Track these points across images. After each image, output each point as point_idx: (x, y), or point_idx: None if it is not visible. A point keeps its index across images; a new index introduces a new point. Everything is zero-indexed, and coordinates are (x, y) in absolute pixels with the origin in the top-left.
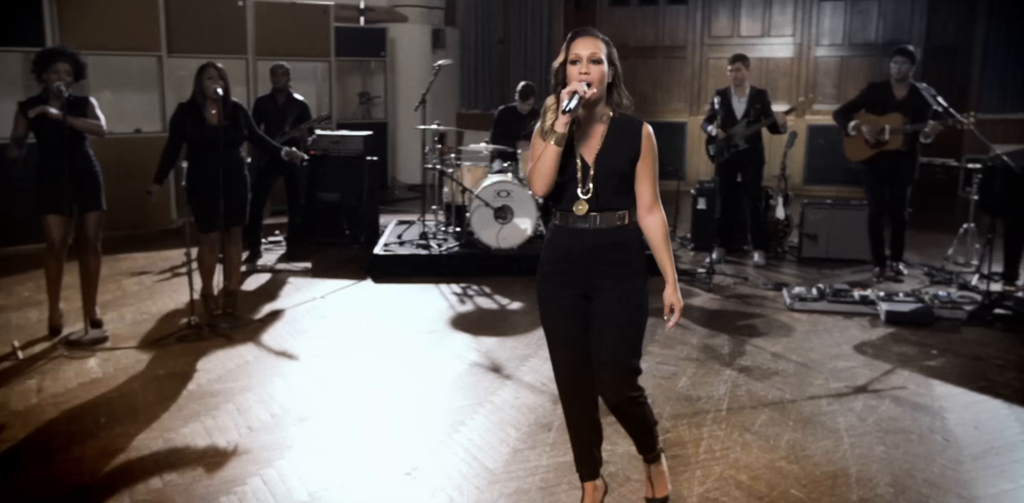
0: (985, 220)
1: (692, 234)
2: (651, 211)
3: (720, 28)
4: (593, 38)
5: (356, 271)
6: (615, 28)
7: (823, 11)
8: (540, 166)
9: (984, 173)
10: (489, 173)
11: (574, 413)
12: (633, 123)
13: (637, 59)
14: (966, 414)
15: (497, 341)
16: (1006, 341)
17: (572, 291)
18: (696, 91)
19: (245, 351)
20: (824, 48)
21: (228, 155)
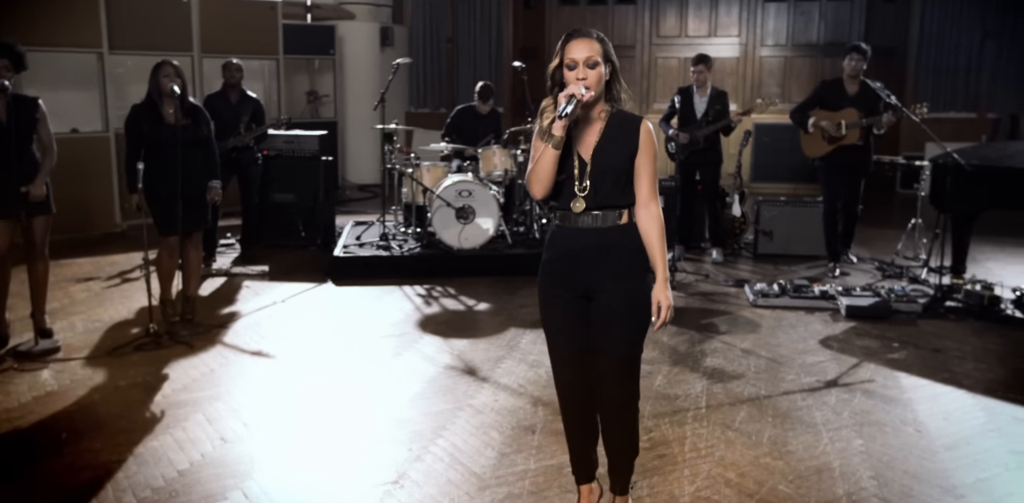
0: (931, 215)
1: None
2: (647, 206)
3: (668, 28)
4: (588, 40)
5: (315, 274)
6: (565, 27)
7: (767, 12)
8: (538, 169)
9: (935, 170)
10: (449, 173)
11: (573, 413)
12: (631, 119)
13: None
14: (934, 405)
15: (468, 343)
16: (960, 332)
17: (573, 291)
18: (645, 90)
19: (209, 359)
20: (768, 48)
21: (188, 155)
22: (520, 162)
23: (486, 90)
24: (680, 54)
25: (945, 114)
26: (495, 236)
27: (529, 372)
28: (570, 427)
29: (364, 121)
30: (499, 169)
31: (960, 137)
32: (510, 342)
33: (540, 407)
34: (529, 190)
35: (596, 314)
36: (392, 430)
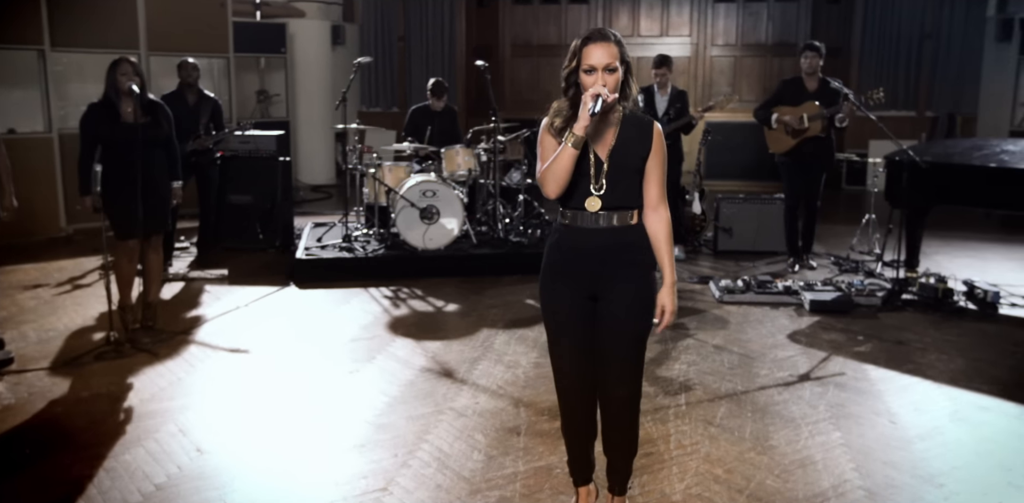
0: (884, 211)
1: None
2: (656, 210)
3: (621, 27)
4: (606, 44)
5: (277, 277)
6: (518, 26)
7: (717, 12)
8: (556, 168)
9: (890, 167)
10: (411, 173)
11: (574, 413)
12: (644, 121)
13: (541, 57)
14: (903, 396)
15: (442, 345)
16: (920, 324)
17: (581, 292)
18: None
19: (175, 367)
20: (718, 48)
21: (148, 155)
22: (483, 161)
23: (438, 86)
24: (633, 53)
25: (887, 112)
26: (460, 236)
27: (507, 373)
28: (571, 428)
29: (316, 121)
30: (462, 169)
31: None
32: (484, 343)
33: (522, 408)
34: (543, 189)
35: (604, 314)
36: (374, 435)
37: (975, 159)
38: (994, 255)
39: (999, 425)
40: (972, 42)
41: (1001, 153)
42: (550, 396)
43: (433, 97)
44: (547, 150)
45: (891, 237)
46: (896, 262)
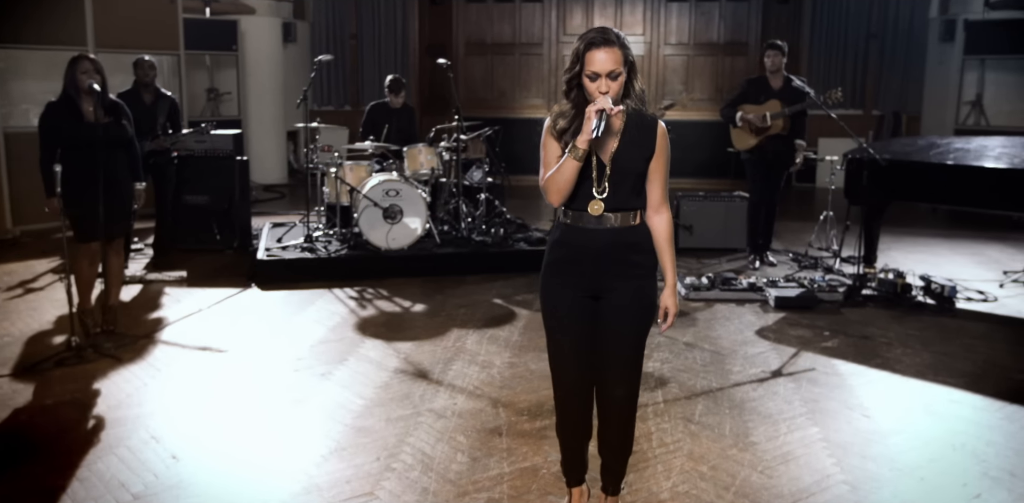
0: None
1: None
2: (659, 211)
3: (574, 26)
4: (610, 48)
5: (237, 278)
6: (472, 25)
7: (670, 11)
8: (559, 178)
9: (850, 165)
10: (372, 172)
11: (572, 413)
12: (648, 121)
13: (495, 55)
14: (874, 391)
15: (413, 346)
16: (883, 319)
17: (582, 291)
18: (553, 87)
19: (140, 372)
20: (672, 47)
21: (109, 156)
22: (446, 161)
23: (396, 83)
24: None
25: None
26: (423, 236)
27: (482, 373)
28: (567, 427)
29: (267, 119)
30: (425, 168)
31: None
32: (455, 343)
33: (501, 409)
34: (546, 196)
35: (605, 313)
36: (354, 439)
37: (932, 157)
38: (944, 250)
39: (970, 417)
40: (916, 42)
41: (956, 151)
42: (528, 396)
43: (391, 94)
44: (550, 154)
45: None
46: (855, 258)
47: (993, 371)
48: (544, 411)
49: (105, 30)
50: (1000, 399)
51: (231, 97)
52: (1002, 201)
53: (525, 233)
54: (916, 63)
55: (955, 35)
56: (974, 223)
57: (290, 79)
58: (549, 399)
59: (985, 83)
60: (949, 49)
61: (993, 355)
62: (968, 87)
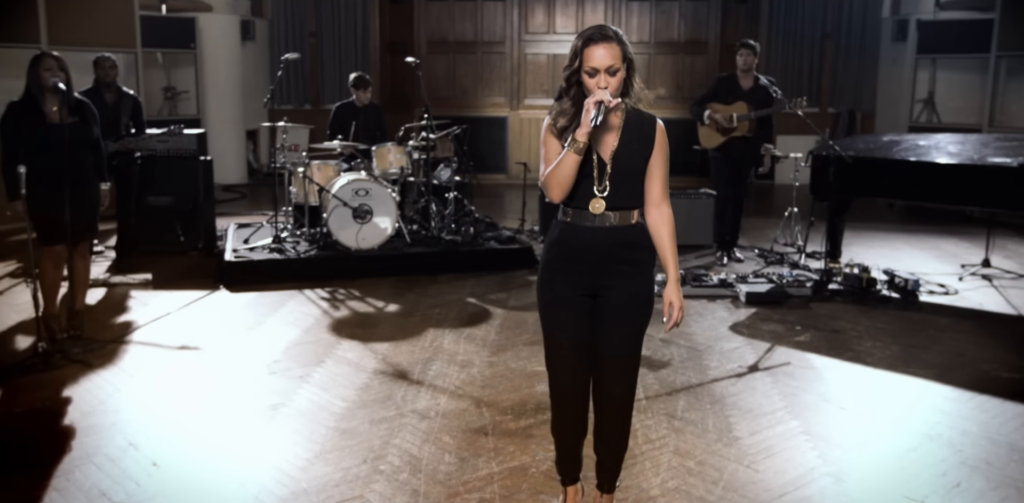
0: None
1: (540, 227)
2: (659, 207)
3: (536, 25)
4: (608, 45)
5: (204, 280)
6: (433, 23)
7: (631, 10)
8: (560, 173)
9: (815, 161)
10: (340, 171)
11: (569, 412)
12: (647, 119)
13: (457, 54)
14: (848, 383)
15: (390, 346)
16: (850, 313)
17: (581, 290)
18: (516, 86)
19: (112, 377)
20: (633, 45)
21: (75, 157)
22: (415, 159)
23: (361, 80)
24: (549, 50)
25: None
26: (393, 235)
27: (462, 373)
28: (563, 426)
29: (226, 118)
30: (394, 167)
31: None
32: (433, 343)
33: (484, 408)
34: (547, 193)
35: (604, 312)
36: (339, 441)
37: (895, 153)
38: (903, 245)
39: (942, 408)
40: (870, 41)
41: (917, 147)
42: (510, 395)
43: (357, 91)
44: (550, 152)
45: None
46: (820, 254)
47: (960, 362)
48: (528, 410)
49: (59, 27)
50: (969, 390)
51: (188, 96)
52: (963, 196)
53: (495, 232)
54: (870, 62)
55: (907, 35)
56: (929, 218)
57: (249, 78)
58: (531, 398)
59: (936, 81)
60: (902, 48)
61: (959, 347)
62: (920, 85)
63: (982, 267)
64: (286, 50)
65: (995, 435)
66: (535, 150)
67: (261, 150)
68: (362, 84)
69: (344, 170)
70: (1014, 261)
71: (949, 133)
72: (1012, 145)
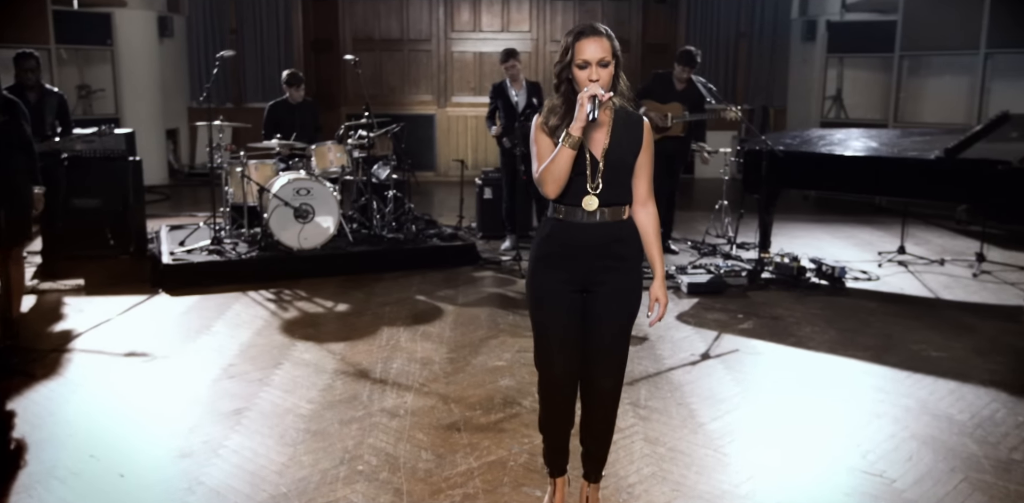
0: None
1: (479, 223)
2: (645, 205)
3: (462, 23)
4: (599, 38)
5: (140, 285)
6: (359, 20)
7: (556, 9)
8: (555, 169)
9: (748, 156)
10: (279, 170)
11: (557, 405)
12: (634, 118)
13: (383, 52)
14: (795, 366)
15: (347, 346)
16: (786, 300)
17: (572, 285)
18: (443, 83)
19: (58, 387)
20: (557, 44)
21: (6, 159)
22: (355, 158)
23: (294, 77)
24: (475, 48)
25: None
26: (336, 234)
27: (424, 371)
28: (552, 420)
29: (145, 117)
30: (335, 165)
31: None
32: (389, 342)
33: (452, 404)
34: (542, 189)
35: (594, 306)
36: (312, 443)
37: (821, 147)
38: (823, 234)
39: (883, 387)
40: (781, 41)
41: (841, 142)
42: (476, 391)
43: (291, 89)
44: (542, 149)
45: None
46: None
47: (892, 343)
48: (495, 405)
49: None
50: (904, 369)
51: (104, 94)
52: (887, 187)
53: (436, 229)
54: (781, 61)
55: (816, 35)
56: (841, 208)
57: (167, 75)
58: (497, 393)
59: (844, 79)
60: (811, 48)
61: (888, 329)
62: (829, 83)
63: (898, 254)
64: (205, 47)
65: (935, 410)
66: (464, 148)
67: (182, 150)
68: (296, 81)
69: (282, 169)
70: (925, 248)
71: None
72: (926, 139)
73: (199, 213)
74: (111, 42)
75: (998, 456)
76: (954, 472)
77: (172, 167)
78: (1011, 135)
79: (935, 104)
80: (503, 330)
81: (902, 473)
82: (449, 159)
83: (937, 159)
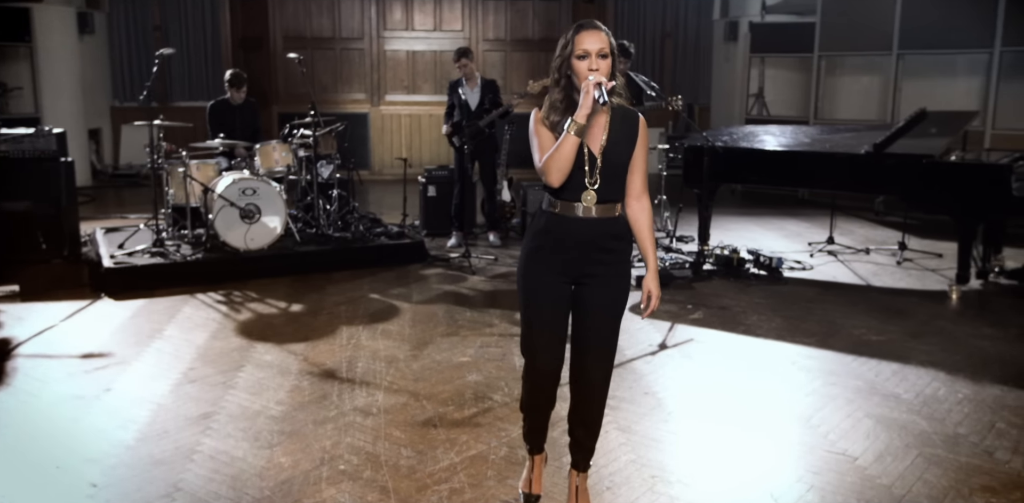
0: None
1: (423, 221)
2: (640, 199)
3: (395, 21)
4: (599, 31)
5: (80, 289)
6: (289, 18)
7: (487, 8)
8: (559, 157)
9: (688, 152)
10: (221, 170)
11: (541, 392)
12: (631, 114)
13: (315, 50)
14: (749, 354)
15: (307, 346)
16: (730, 290)
17: (564, 278)
18: (376, 82)
19: (9, 398)
20: (490, 43)
21: None
22: (300, 157)
23: (237, 78)
24: (408, 47)
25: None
26: (283, 234)
27: (390, 369)
28: (535, 405)
29: (66, 117)
30: (280, 165)
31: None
32: (350, 341)
33: (424, 401)
34: (546, 178)
35: (585, 299)
36: (289, 445)
37: (756, 143)
38: (753, 226)
39: (832, 370)
40: (704, 41)
41: (774, 138)
42: (445, 387)
43: (233, 89)
44: (544, 141)
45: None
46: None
47: (834, 329)
48: (467, 400)
49: None
50: (849, 353)
51: (23, 93)
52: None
53: (382, 227)
54: (705, 60)
55: (738, 35)
56: (767, 201)
57: (89, 73)
58: (466, 388)
59: (766, 78)
60: (733, 48)
61: (829, 315)
62: (752, 81)
63: (827, 244)
64: (128, 45)
65: (883, 390)
66: (399, 146)
67: (105, 150)
68: (239, 82)
69: (224, 169)
70: (849, 238)
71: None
72: (855, 135)
73: (131, 215)
74: (29, 39)
75: (945, 431)
76: (909, 448)
77: (95, 168)
78: (931, 131)
79: (851, 102)
80: (462, 326)
81: (862, 451)
82: (383, 157)
83: (867, 154)
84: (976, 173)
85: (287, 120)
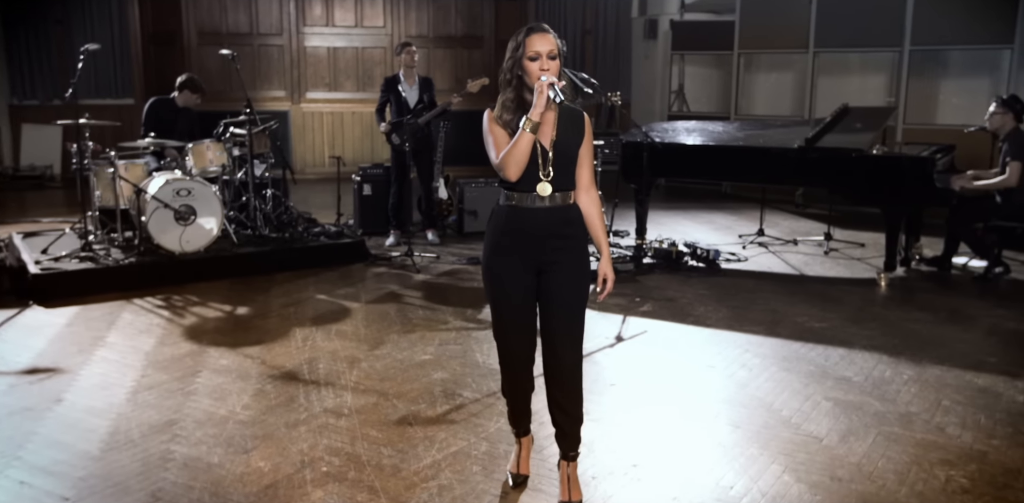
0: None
1: (359, 220)
2: (588, 191)
3: (315, 17)
4: (548, 34)
5: (3, 297)
6: (204, 14)
7: (410, 5)
8: (516, 153)
9: (627, 148)
10: (151, 171)
11: (517, 374)
12: (576, 111)
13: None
14: (703, 344)
15: (263, 349)
16: (673, 283)
17: (527, 267)
18: (296, 79)
19: None
20: (412, 39)
21: None
22: (235, 156)
23: (194, 84)
24: (329, 43)
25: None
26: (219, 236)
27: (353, 369)
28: (515, 389)
29: None
30: (214, 164)
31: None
32: (305, 342)
33: (395, 400)
34: (504, 172)
35: (550, 286)
36: (265, 450)
37: (691, 139)
38: (684, 220)
39: (784, 355)
40: (623, 38)
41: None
42: (413, 385)
43: (193, 94)
44: (499, 139)
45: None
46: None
47: (778, 317)
48: (437, 397)
49: None
50: (796, 340)
51: None
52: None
53: (319, 227)
54: (624, 57)
55: (658, 33)
56: (692, 195)
57: None
58: (434, 385)
59: (686, 75)
60: (653, 45)
61: (771, 305)
62: (673, 78)
63: (758, 236)
64: (26, 40)
65: (834, 374)
66: (320, 144)
67: (4, 151)
68: (197, 89)
69: (153, 169)
70: (776, 230)
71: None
72: (784, 130)
73: (45, 219)
74: None
75: (898, 411)
76: (868, 428)
77: None
78: (856, 125)
79: (769, 98)
80: (418, 325)
81: (826, 432)
82: (305, 156)
83: (800, 148)
84: (903, 165)
85: (204, 119)
